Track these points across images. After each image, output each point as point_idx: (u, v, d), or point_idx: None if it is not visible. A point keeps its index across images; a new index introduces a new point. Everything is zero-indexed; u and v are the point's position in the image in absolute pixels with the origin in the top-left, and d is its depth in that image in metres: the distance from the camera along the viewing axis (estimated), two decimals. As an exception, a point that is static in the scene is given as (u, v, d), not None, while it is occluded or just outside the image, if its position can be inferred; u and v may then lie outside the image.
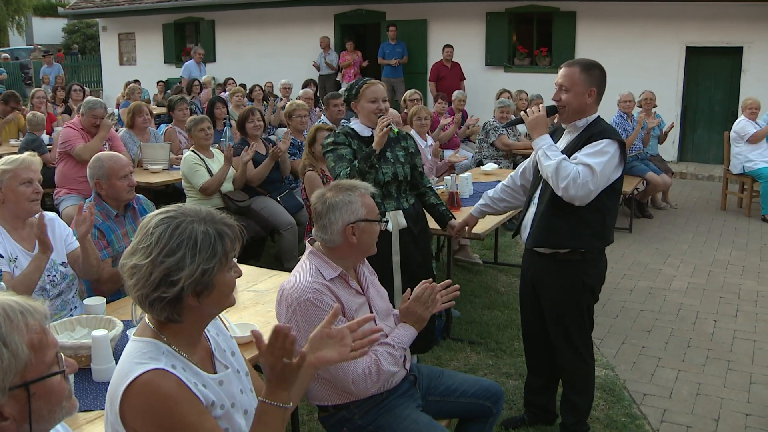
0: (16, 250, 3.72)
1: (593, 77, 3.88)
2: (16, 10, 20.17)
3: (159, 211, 2.11)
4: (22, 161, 3.78)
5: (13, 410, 1.47)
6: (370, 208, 3.11)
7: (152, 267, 2.01)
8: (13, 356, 1.46)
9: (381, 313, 3.19)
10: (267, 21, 17.54)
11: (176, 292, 2.02)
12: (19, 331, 1.47)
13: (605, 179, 3.75)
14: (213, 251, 2.04)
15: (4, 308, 1.48)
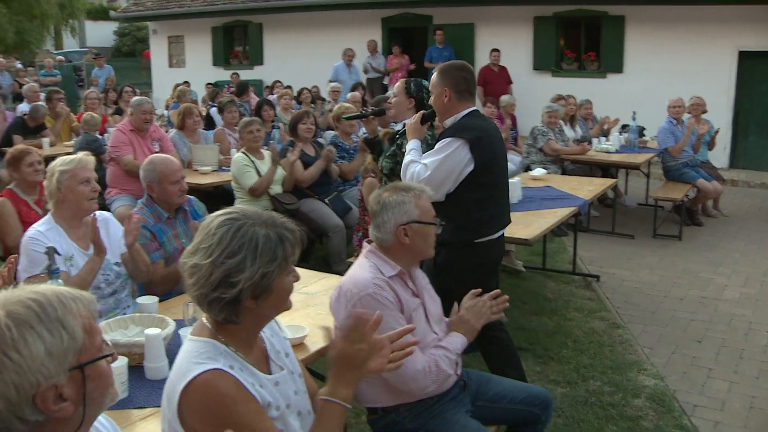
0: (72, 249, 3.78)
1: (446, 77, 4.12)
2: (70, 14, 20.55)
3: (221, 212, 2.13)
4: (79, 161, 3.84)
5: (71, 392, 1.50)
6: (424, 210, 3.12)
7: (213, 267, 2.03)
8: (71, 338, 1.50)
9: (434, 318, 3.20)
10: (314, 24, 17.63)
11: (235, 294, 2.03)
12: (73, 315, 1.52)
13: (444, 175, 4.00)
14: (273, 255, 2.05)
15: (57, 295, 1.53)
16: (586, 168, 9.16)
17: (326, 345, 2.68)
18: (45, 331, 1.46)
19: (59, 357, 1.47)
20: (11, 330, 1.43)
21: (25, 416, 1.45)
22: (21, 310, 1.46)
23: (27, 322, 1.45)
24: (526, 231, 5.29)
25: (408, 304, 3.06)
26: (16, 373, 1.42)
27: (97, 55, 21.97)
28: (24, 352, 1.43)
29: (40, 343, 1.45)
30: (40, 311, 1.47)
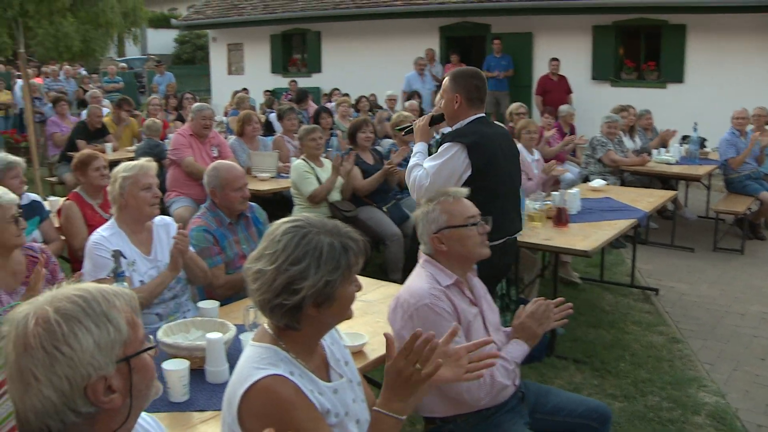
0: (134, 253, 3.85)
1: (458, 84, 4.24)
2: (133, 22, 20.93)
3: (287, 220, 2.16)
4: (141, 167, 3.92)
5: (119, 384, 1.54)
6: (454, 214, 3.11)
7: (276, 274, 2.06)
8: (117, 330, 1.54)
9: (492, 326, 3.19)
10: (372, 33, 17.71)
11: (297, 301, 2.05)
12: (117, 310, 1.57)
13: (443, 179, 4.09)
14: (337, 264, 2.07)
15: (100, 291, 1.58)
16: (645, 179, 9.02)
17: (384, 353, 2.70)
18: (92, 324, 1.51)
19: (107, 349, 1.52)
20: (61, 325, 1.48)
21: (78, 408, 1.50)
22: (68, 306, 1.52)
23: (75, 317, 1.51)
24: (585, 242, 5.24)
25: (465, 313, 3.05)
26: (68, 366, 1.47)
27: (158, 62, 22.38)
28: (74, 345, 1.48)
29: (89, 337, 1.50)
30: (86, 306, 1.53)
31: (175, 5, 37.43)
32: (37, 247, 3.78)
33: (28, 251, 3.69)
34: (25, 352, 1.47)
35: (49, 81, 19.09)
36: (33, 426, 1.50)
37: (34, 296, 3.19)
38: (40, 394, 1.47)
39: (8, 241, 3.50)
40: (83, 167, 5.36)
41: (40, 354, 1.47)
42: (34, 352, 1.47)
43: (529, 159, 7.07)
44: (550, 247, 5.37)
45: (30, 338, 1.48)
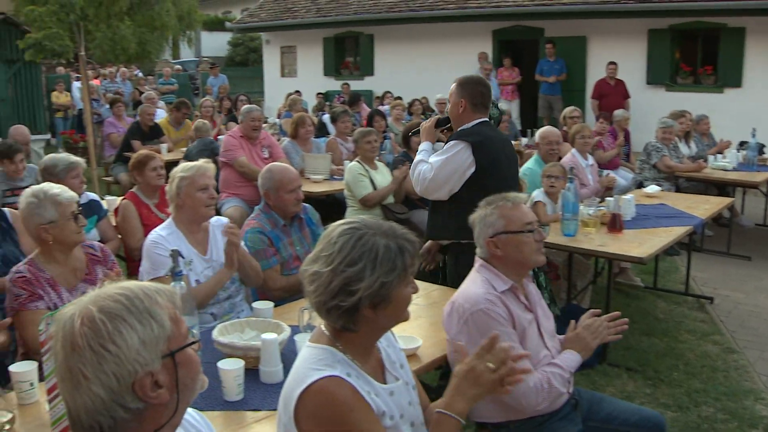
0: (191, 253, 3.90)
1: (464, 90, 4.47)
2: (188, 25, 21.24)
3: (343, 222, 2.18)
4: (199, 168, 3.97)
5: (166, 379, 1.56)
6: (512, 219, 3.09)
7: (333, 275, 2.08)
8: (160, 326, 1.56)
9: (547, 332, 3.17)
10: (425, 36, 17.71)
11: (354, 302, 2.07)
12: (159, 306, 1.58)
13: (447, 174, 4.33)
14: (393, 265, 2.08)
15: (142, 288, 1.60)
16: (701, 186, 8.87)
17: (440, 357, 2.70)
18: (136, 322, 1.53)
19: (152, 345, 1.54)
20: (106, 324, 1.51)
21: (127, 404, 1.52)
22: (112, 305, 1.54)
23: (119, 315, 1.53)
24: (640, 249, 5.18)
25: (520, 319, 3.04)
26: (115, 363, 1.50)
27: (212, 64, 22.62)
28: (120, 343, 1.50)
29: (133, 334, 1.52)
30: (129, 304, 1.55)
31: (229, 8, 37.83)
32: (97, 246, 3.85)
33: (88, 249, 3.76)
34: (73, 352, 1.50)
35: (106, 83, 19.45)
36: (84, 423, 1.53)
37: None
38: (90, 392, 1.50)
39: (68, 238, 3.56)
40: (141, 167, 5.46)
41: (88, 353, 1.50)
42: (82, 351, 1.50)
43: (583, 164, 7.01)
44: (604, 254, 5.33)
45: (77, 338, 1.51)
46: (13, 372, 2.91)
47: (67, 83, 19.05)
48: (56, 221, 3.50)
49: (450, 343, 3.09)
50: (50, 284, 3.50)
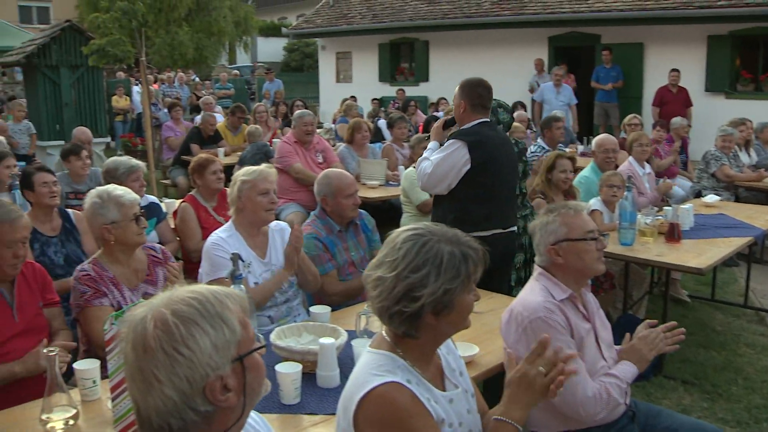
0: (250, 256, 3.95)
1: (463, 92, 4.74)
2: (244, 31, 21.54)
3: (407, 228, 2.19)
4: (261, 172, 4.02)
5: (234, 383, 1.58)
6: (573, 227, 3.07)
7: (396, 281, 2.09)
8: (231, 331, 1.58)
9: (605, 342, 3.14)
10: (480, 42, 17.68)
11: (416, 308, 2.08)
12: (230, 311, 1.60)
13: (445, 170, 4.59)
14: (457, 272, 2.09)
15: (212, 293, 1.62)
16: (761, 196, 8.70)
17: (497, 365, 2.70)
18: (208, 326, 1.56)
19: (223, 349, 1.57)
20: (179, 327, 1.53)
21: (197, 407, 1.55)
22: (185, 309, 1.56)
23: (192, 319, 1.55)
24: (698, 260, 5.10)
25: (579, 328, 3.02)
26: (188, 367, 1.52)
27: (268, 69, 22.90)
28: (193, 347, 1.53)
29: (206, 338, 1.55)
30: (201, 308, 1.57)
31: (284, 14, 38.26)
32: (158, 247, 3.92)
33: (149, 250, 3.84)
34: (146, 354, 1.53)
35: (164, 87, 19.80)
36: (154, 424, 1.56)
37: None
38: (162, 394, 1.52)
39: (129, 239, 3.63)
40: (201, 170, 5.54)
41: (161, 356, 1.52)
42: (155, 354, 1.52)
43: (640, 173, 6.94)
44: (661, 263, 5.26)
45: (150, 340, 1.53)
46: (77, 369, 2.99)
47: (127, 88, 19.45)
48: (118, 222, 3.58)
49: (507, 350, 3.09)
50: (113, 283, 3.58)
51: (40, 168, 5.13)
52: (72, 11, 28.38)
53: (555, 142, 8.00)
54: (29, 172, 5.03)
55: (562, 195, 5.89)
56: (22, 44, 13.87)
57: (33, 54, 12.37)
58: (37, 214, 4.88)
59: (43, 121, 12.39)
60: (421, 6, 18.94)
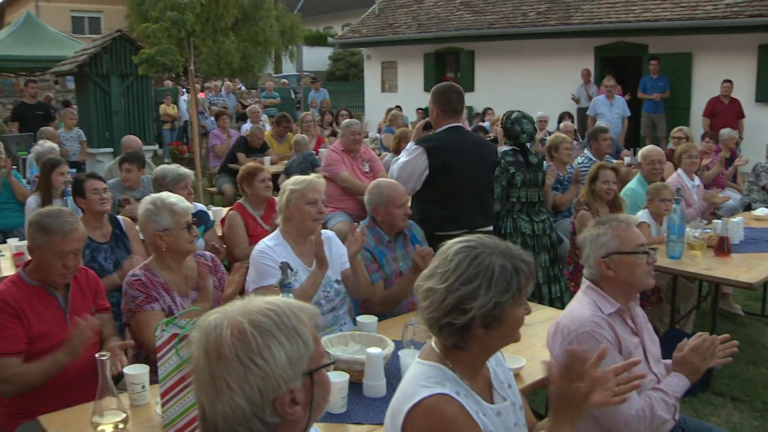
0: (297, 264, 3.98)
1: (434, 98, 5.06)
2: (290, 40, 21.76)
3: (459, 240, 2.20)
4: (310, 182, 4.05)
5: (302, 396, 1.60)
6: (625, 240, 3.03)
7: (447, 293, 2.09)
8: (305, 345, 1.60)
9: (653, 357, 3.11)
10: (526, 52, 17.62)
11: (466, 321, 2.08)
12: (304, 325, 1.62)
13: (407, 174, 4.90)
14: (508, 285, 2.09)
15: (288, 305, 1.64)
16: (814, 209, 8.54)
17: (543, 378, 2.68)
18: (284, 339, 1.58)
19: (296, 363, 1.58)
20: (256, 338, 1.55)
21: (265, 418, 1.56)
22: (263, 320, 1.58)
23: (269, 330, 1.57)
24: (749, 274, 5.02)
25: (627, 342, 2.99)
26: (262, 377, 1.54)
27: (314, 79, 23.04)
28: (268, 358, 1.55)
29: (281, 350, 1.56)
30: (278, 320, 1.59)
31: (330, 24, 38.47)
32: (209, 255, 3.97)
33: (199, 258, 3.89)
34: (219, 361, 1.55)
35: (211, 95, 20.00)
36: (220, 430, 1.57)
37: (205, 301, 3.38)
38: (232, 402, 1.54)
39: (181, 247, 3.69)
40: (250, 179, 5.60)
41: (235, 364, 1.54)
42: (229, 361, 1.54)
43: (689, 185, 6.85)
44: (710, 278, 5.18)
45: (224, 348, 1.55)
46: (127, 374, 3.04)
47: (174, 96, 19.70)
48: (171, 229, 3.64)
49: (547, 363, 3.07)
50: (164, 289, 3.64)
51: (91, 175, 5.23)
52: (122, 21, 28.89)
53: (602, 153, 7.94)
54: (80, 179, 5.12)
55: (607, 207, 5.85)
56: (75, 54, 14.14)
57: (85, 63, 12.60)
58: (88, 221, 4.96)
59: (93, 128, 12.60)
60: (466, 16, 18.94)
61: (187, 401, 2.70)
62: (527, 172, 5.73)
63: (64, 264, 3.42)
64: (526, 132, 5.67)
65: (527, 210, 5.74)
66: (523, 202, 5.68)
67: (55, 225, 3.40)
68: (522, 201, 5.70)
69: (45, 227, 3.39)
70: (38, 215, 3.48)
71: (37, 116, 12.60)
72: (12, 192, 7.16)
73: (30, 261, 3.50)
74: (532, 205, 5.79)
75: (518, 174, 5.61)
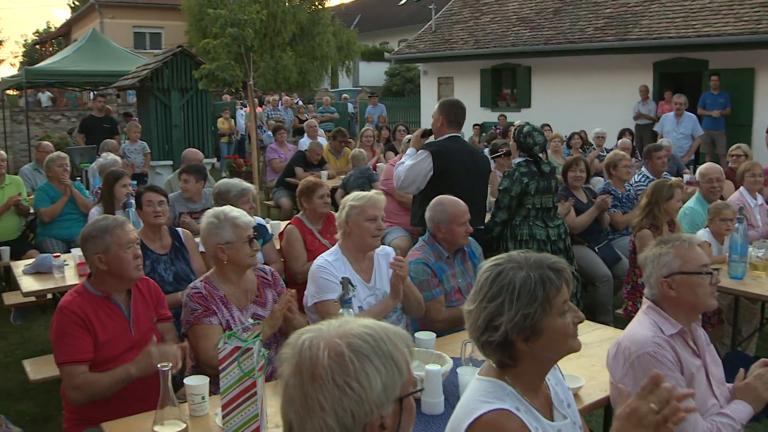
0: (355, 280, 3.98)
1: (442, 110, 5.73)
2: (346, 55, 21.96)
3: (491, 259, 2.24)
4: (370, 198, 4.07)
5: (390, 422, 1.59)
6: (688, 260, 2.98)
7: (478, 312, 2.15)
8: (399, 372, 1.60)
9: (716, 379, 3.05)
10: (583, 68, 17.50)
11: (501, 336, 2.11)
12: (399, 351, 1.61)
13: (413, 175, 5.52)
14: (533, 296, 2.10)
15: (385, 330, 1.63)
16: None
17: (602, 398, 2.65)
18: (381, 365, 1.57)
19: (390, 389, 1.58)
20: (354, 362, 1.55)
21: None
22: (361, 344, 1.58)
23: (367, 355, 1.57)
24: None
25: (689, 365, 2.94)
26: (356, 402, 1.54)
27: (371, 94, 23.18)
28: (364, 383, 1.54)
29: (378, 376, 1.56)
30: (375, 346, 1.59)
31: (386, 39, 38.66)
32: (268, 269, 4.02)
33: (259, 272, 3.94)
34: (313, 381, 1.56)
35: (268, 110, 20.26)
36: None
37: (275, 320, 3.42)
38: (323, 423, 1.55)
39: (242, 261, 3.74)
40: (309, 194, 5.64)
41: (330, 386, 1.54)
42: (324, 383, 1.55)
43: (751, 204, 6.71)
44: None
45: (320, 368, 1.56)
46: (187, 385, 3.08)
47: (232, 110, 19.98)
48: (232, 242, 3.69)
49: (614, 385, 3.03)
50: (223, 302, 3.68)
51: (150, 188, 5.34)
52: (182, 37, 29.41)
53: (658, 171, 7.84)
54: (140, 191, 5.24)
55: (668, 226, 5.77)
56: (137, 68, 14.46)
57: (147, 78, 12.88)
58: (147, 232, 5.07)
59: (153, 141, 12.85)
60: (523, 32, 18.89)
61: (248, 413, 2.74)
62: (541, 180, 5.94)
63: (135, 253, 3.53)
64: (538, 143, 5.96)
65: (542, 216, 5.94)
66: (538, 208, 5.91)
67: (107, 223, 3.55)
68: (537, 207, 5.92)
69: (100, 229, 3.53)
70: (84, 230, 3.61)
71: (103, 129, 12.89)
72: (75, 203, 7.32)
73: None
74: (547, 210, 5.99)
75: (532, 182, 5.85)
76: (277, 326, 3.71)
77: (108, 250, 3.48)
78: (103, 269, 3.51)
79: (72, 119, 21.28)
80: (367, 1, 44.43)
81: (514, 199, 5.85)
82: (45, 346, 6.23)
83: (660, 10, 16.26)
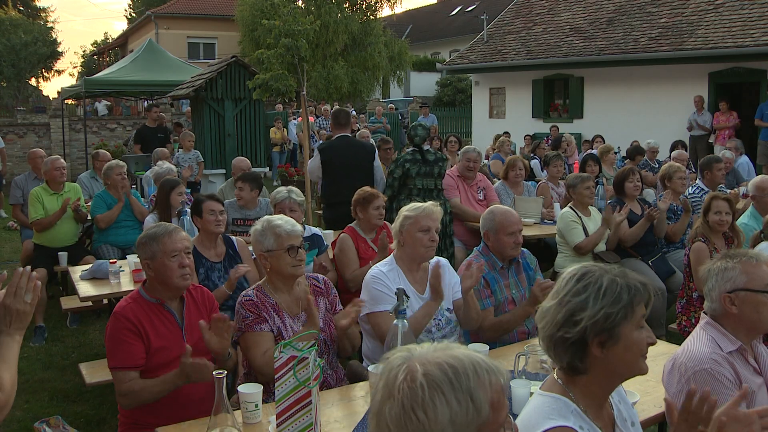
0: (409, 291, 3.98)
1: (331, 118, 7.79)
2: (398, 65, 22.04)
3: (577, 266, 2.21)
4: (424, 209, 4.07)
5: None
6: (754, 277, 2.88)
7: (559, 307, 2.12)
8: (476, 411, 1.52)
9: (778, 399, 2.98)
10: (636, 79, 17.32)
11: (579, 333, 2.07)
12: (484, 389, 1.54)
13: (313, 167, 7.71)
14: (618, 297, 2.07)
15: (473, 363, 1.56)
16: None
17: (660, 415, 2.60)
18: (454, 399, 1.51)
19: (461, 427, 1.52)
20: (424, 390, 1.50)
21: None
22: (437, 373, 1.52)
23: (440, 386, 1.51)
24: None
25: (749, 382, 2.85)
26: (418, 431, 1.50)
27: (423, 104, 23.21)
28: (430, 414, 1.49)
29: (446, 410, 1.50)
30: (453, 378, 1.52)
31: (437, 50, 38.69)
32: (321, 278, 4.03)
33: (312, 280, 3.94)
34: (388, 400, 1.54)
35: (320, 120, 20.38)
36: None
37: (313, 325, 3.40)
38: None
39: (283, 269, 3.72)
40: (365, 204, 5.66)
41: (397, 409, 1.51)
42: (393, 404, 1.52)
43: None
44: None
45: (394, 390, 1.53)
46: (241, 392, 3.10)
47: (284, 120, 20.14)
48: (273, 251, 3.70)
49: (668, 401, 2.97)
50: (275, 310, 3.69)
51: (210, 197, 5.39)
52: (235, 47, 29.78)
53: (715, 183, 7.71)
54: (200, 199, 5.29)
55: (723, 238, 5.66)
56: (191, 78, 14.65)
57: (201, 87, 13.04)
58: (203, 240, 5.13)
59: (206, 150, 13.01)
60: (576, 42, 18.76)
61: (303, 422, 2.75)
62: (423, 165, 7.20)
63: (180, 263, 3.54)
64: (419, 135, 7.37)
65: (423, 195, 6.98)
66: (419, 188, 7.14)
67: (158, 231, 3.60)
68: (419, 188, 7.15)
69: (150, 236, 3.58)
70: (140, 237, 3.68)
71: (157, 138, 13.12)
72: (131, 210, 7.44)
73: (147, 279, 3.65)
74: (429, 191, 7.13)
75: (413, 167, 7.14)
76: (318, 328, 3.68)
77: (154, 257, 3.53)
78: (152, 275, 3.58)
79: (127, 128, 21.65)
80: (418, 12, 44.55)
81: (396, 179, 7.20)
82: (100, 350, 6.34)
83: (716, 20, 16.03)
